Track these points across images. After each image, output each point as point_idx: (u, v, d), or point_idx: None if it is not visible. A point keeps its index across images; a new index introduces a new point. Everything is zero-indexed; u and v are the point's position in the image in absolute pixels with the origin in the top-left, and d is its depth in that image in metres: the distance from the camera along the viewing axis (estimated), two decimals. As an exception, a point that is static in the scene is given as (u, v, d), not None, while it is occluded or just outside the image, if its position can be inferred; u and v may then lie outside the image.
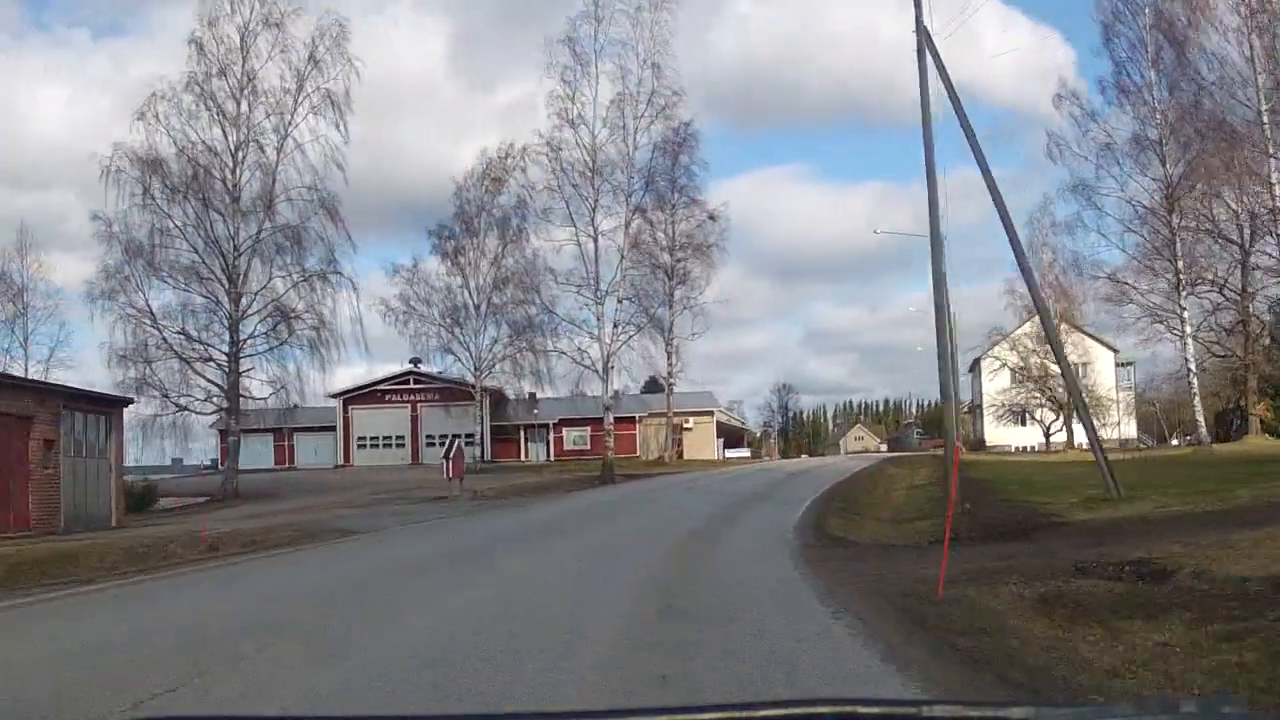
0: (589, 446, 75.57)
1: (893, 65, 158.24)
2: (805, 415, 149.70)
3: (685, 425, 79.34)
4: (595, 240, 42.33)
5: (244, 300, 43.89)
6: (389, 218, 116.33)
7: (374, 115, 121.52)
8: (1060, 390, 52.75)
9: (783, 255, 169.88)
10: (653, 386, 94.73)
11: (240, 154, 43.52)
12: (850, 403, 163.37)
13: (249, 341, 44.37)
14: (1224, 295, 45.23)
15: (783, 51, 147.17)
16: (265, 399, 46.65)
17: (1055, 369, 50.59)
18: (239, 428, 44.95)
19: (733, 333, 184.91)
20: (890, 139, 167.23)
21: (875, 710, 2.02)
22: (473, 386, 64.95)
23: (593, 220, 42.43)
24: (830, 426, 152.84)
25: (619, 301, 42.25)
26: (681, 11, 46.83)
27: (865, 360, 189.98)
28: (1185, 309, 40.48)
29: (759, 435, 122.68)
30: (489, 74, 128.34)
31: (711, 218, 56.37)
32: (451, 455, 34.24)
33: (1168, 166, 37.95)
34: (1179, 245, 39.52)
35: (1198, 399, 41.54)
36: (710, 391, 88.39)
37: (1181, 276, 39.74)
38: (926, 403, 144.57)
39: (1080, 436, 54.94)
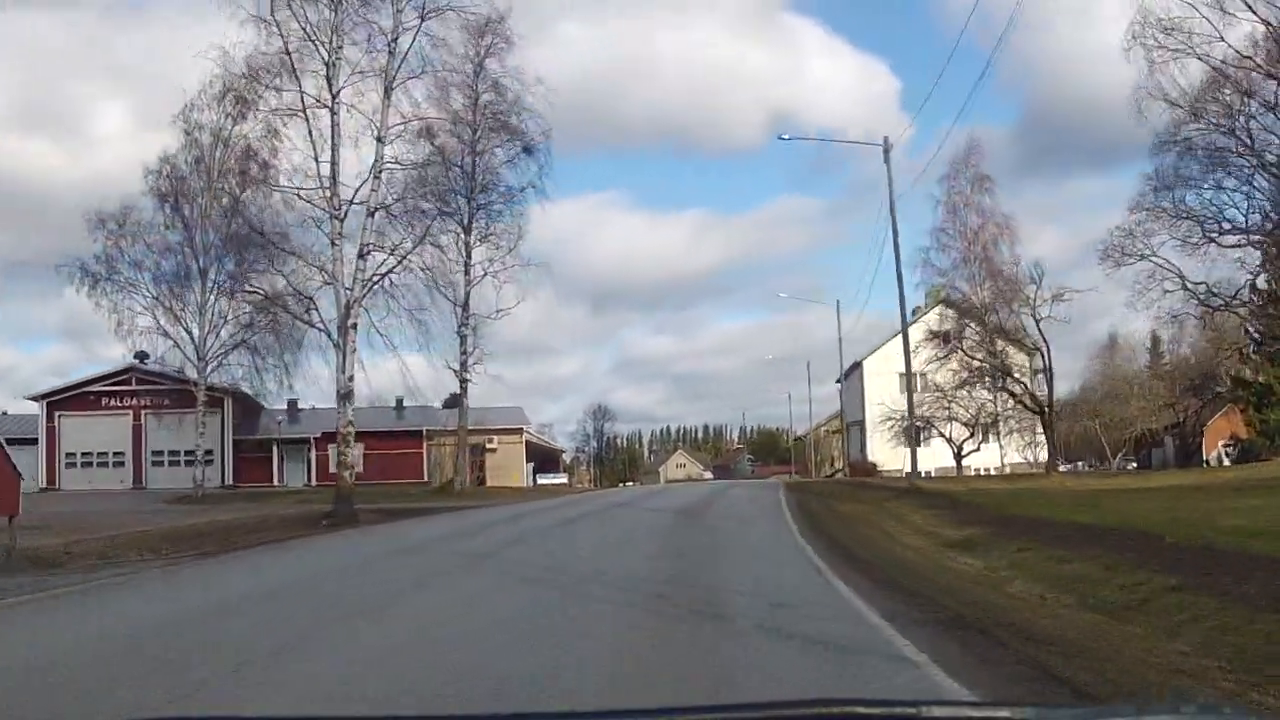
0: (361, 468, 56.04)
1: (716, 93, 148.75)
2: (620, 441, 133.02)
3: (489, 445, 61.64)
4: (333, 111, 23.67)
5: None
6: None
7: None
8: (1020, 392, 36.59)
9: (597, 282, 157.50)
10: (455, 402, 76.51)
11: None
12: (667, 429, 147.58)
13: None
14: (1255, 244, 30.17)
15: (605, 76, 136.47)
16: None
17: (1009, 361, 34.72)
18: None
19: (544, 360, 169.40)
20: (710, 167, 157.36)
21: (875, 710, 1.96)
22: (194, 384, 44.45)
23: (330, 78, 23.72)
24: (646, 453, 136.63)
25: (370, 214, 23.66)
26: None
27: (676, 388, 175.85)
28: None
29: (572, 461, 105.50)
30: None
31: (527, 150, 38.59)
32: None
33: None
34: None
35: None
36: (520, 407, 70.77)
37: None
38: (749, 429, 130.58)
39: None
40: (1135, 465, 48.51)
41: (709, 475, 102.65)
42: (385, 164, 23.89)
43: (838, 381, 59.08)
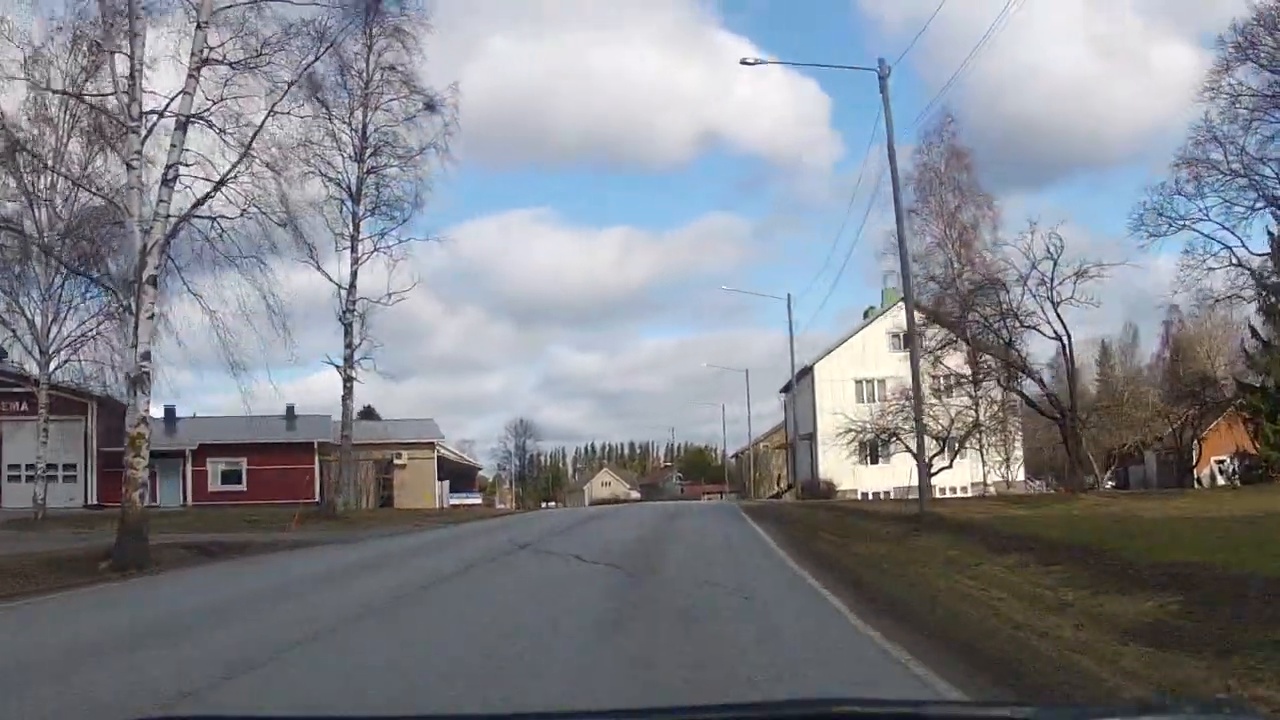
0: (245, 486, 47.90)
1: (646, 111, 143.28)
2: (544, 459, 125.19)
3: (398, 461, 54.28)
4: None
5: None
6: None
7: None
8: (1037, 393, 29.76)
9: (524, 299, 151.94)
10: (366, 413, 68.72)
11: None
12: (592, 446, 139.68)
13: None
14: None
15: (535, 92, 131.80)
16: None
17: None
18: None
19: (469, 376, 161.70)
20: (640, 185, 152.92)
21: (874, 710, 1.89)
22: (36, 383, 36.31)
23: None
24: (571, 471, 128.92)
25: (182, 126, 16.21)
26: (431, 39, 29.57)
27: (602, 405, 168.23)
28: None
29: (493, 479, 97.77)
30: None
31: (430, 107, 31.53)
32: None
33: None
34: None
35: None
36: (432, 419, 63.63)
37: None
38: (677, 446, 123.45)
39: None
40: (1113, 484, 42.57)
41: (635, 494, 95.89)
42: (209, 57, 16.44)
43: (783, 391, 52.45)
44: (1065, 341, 25.54)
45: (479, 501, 61.40)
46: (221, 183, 16.70)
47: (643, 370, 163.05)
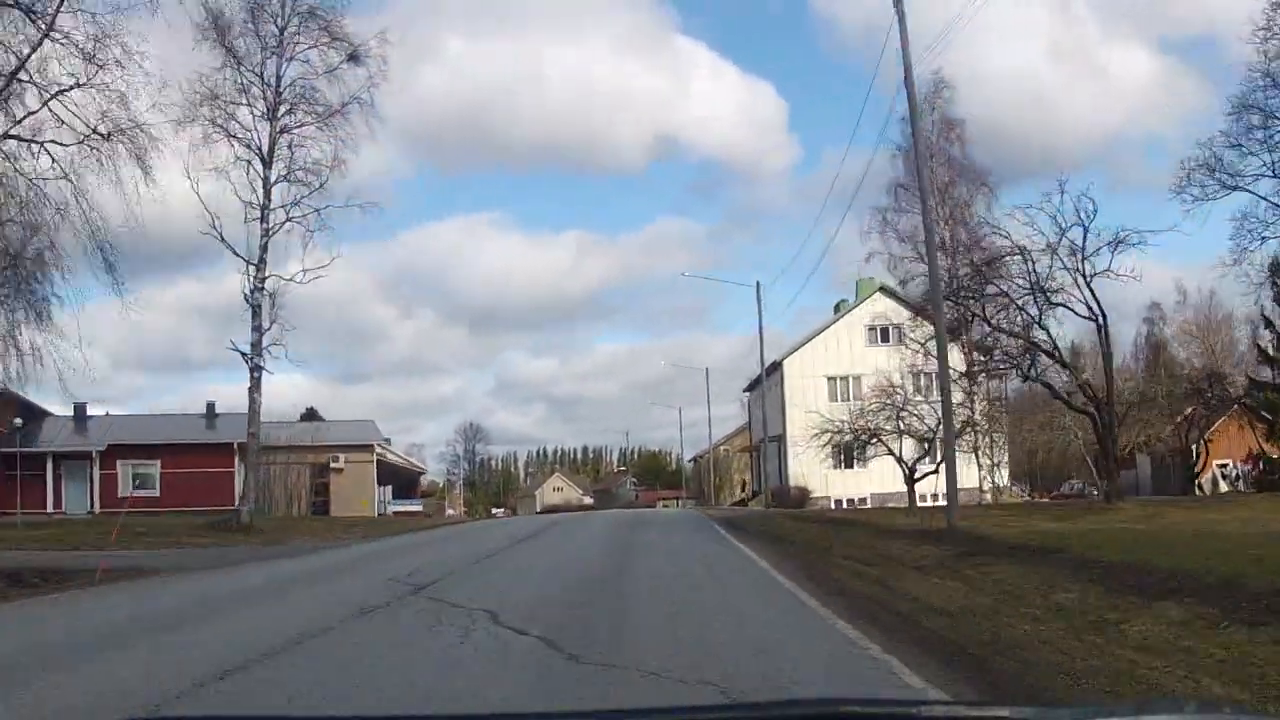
0: (158, 490, 42.80)
1: (604, 115, 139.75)
2: (495, 463, 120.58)
3: (335, 464, 49.87)
4: None
5: None
6: None
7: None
8: (1066, 384, 25.46)
9: (478, 303, 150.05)
10: (309, 416, 64.06)
11: None
12: (543, 450, 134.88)
13: None
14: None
15: (491, 96, 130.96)
16: None
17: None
18: None
19: (423, 381, 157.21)
20: (595, 189, 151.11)
21: (875, 710, 1.85)
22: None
23: None
24: (523, 475, 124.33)
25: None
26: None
27: (556, 409, 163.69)
28: None
29: (443, 485, 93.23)
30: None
31: (353, 58, 27.21)
32: None
33: None
34: None
35: None
36: (372, 421, 59.20)
37: None
38: (630, 450, 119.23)
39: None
40: (1098, 493, 38.96)
41: (588, 500, 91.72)
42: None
43: (746, 390, 48.40)
44: (1101, 321, 21.68)
45: (420, 509, 56.64)
46: (15, 77, 12.19)
47: (596, 375, 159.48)
